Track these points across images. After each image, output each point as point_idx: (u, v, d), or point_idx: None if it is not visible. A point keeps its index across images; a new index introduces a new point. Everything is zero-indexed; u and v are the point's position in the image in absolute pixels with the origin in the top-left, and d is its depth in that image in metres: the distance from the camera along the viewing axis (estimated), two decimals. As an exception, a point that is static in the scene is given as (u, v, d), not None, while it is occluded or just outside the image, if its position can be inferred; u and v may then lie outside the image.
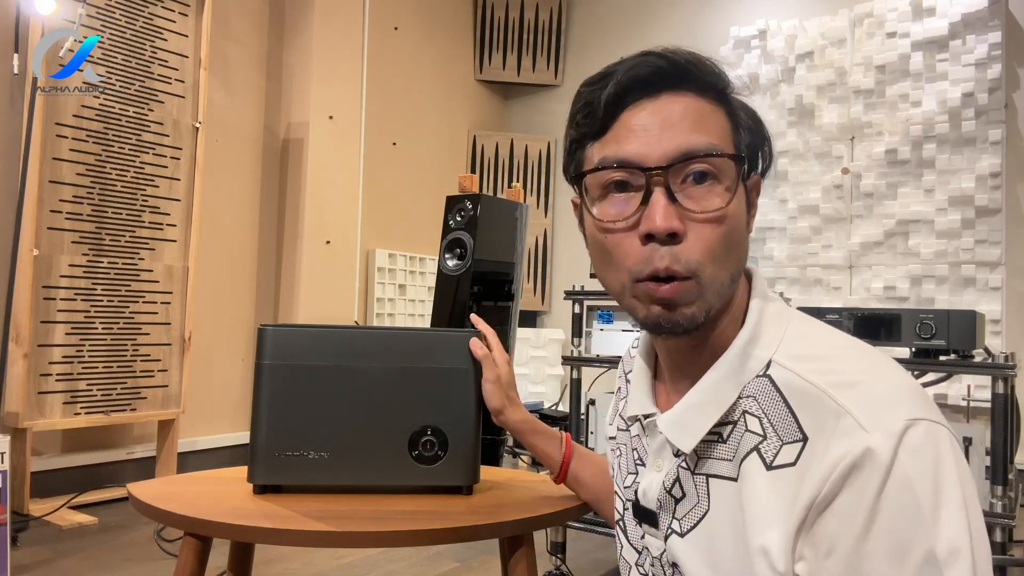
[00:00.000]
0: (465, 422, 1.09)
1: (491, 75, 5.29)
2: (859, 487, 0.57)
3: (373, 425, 1.07)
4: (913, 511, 0.56)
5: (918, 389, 0.62)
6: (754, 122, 0.73)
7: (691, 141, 0.67)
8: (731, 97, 0.72)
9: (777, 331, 0.69)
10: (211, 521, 0.96)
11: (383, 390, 1.07)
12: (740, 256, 0.70)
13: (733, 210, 0.68)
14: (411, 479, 1.08)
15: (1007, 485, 2.29)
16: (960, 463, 0.58)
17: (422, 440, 1.08)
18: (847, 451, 0.58)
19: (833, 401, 0.60)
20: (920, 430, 0.57)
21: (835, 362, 0.64)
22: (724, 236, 0.67)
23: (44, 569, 2.31)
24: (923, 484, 0.56)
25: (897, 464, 0.56)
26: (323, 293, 4.03)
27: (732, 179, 0.68)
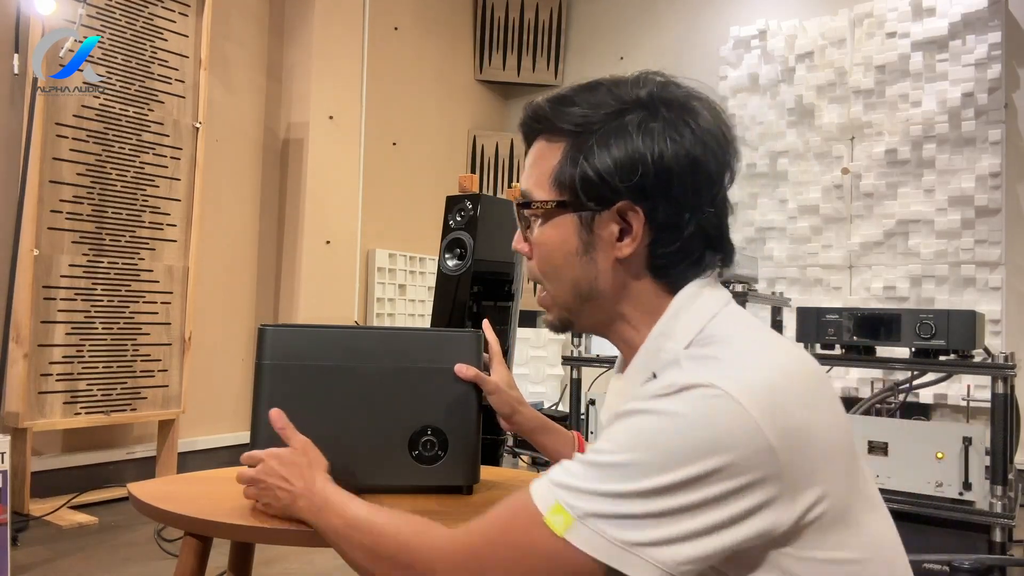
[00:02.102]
0: (465, 422, 1.09)
1: (491, 75, 5.29)
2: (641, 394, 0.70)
3: (373, 425, 1.07)
4: (645, 429, 0.67)
5: (761, 381, 0.67)
6: (616, 156, 0.77)
7: (522, 184, 0.84)
8: (582, 135, 0.79)
9: (693, 327, 0.77)
10: (211, 521, 0.96)
11: (383, 390, 1.07)
12: (575, 278, 0.82)
13: (538, 239, 0.83)
14: (411, 479, 1.08)
15: (1007, 485, 2.29)
16: (706, 435, 0.64)
17: (422, 440, 1.08)
18: (658, 386, 0.69)
19: (680, 363, 0.71)
20: (701, 392, 0.66)
21: (716, 347, 0.73)
22: (541, 259, 0.84)
23: (44, 569, 2.31)
24: (661, 421, 0.66)
25: (665, 399, 0.67)
26: (323, 293, 4.03)
27: (540, 215, 0.82)
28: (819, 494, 0.67)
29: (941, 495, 2.35)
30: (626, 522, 0.65)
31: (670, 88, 0.81)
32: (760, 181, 4.38)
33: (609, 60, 5.03)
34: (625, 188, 0.77)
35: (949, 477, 2.34)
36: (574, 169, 0.79)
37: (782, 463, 0.65)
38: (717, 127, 0.80)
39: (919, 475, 2.39)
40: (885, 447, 2.46)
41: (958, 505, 2.34)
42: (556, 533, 0.66)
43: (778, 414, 0.65)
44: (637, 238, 0.78)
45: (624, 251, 0.79)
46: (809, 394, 0.70)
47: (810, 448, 0.67)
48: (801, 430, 0.67)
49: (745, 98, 4.44)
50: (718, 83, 4.55)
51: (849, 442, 0.73)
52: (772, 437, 0.64)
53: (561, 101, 0.81)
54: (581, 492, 0.66)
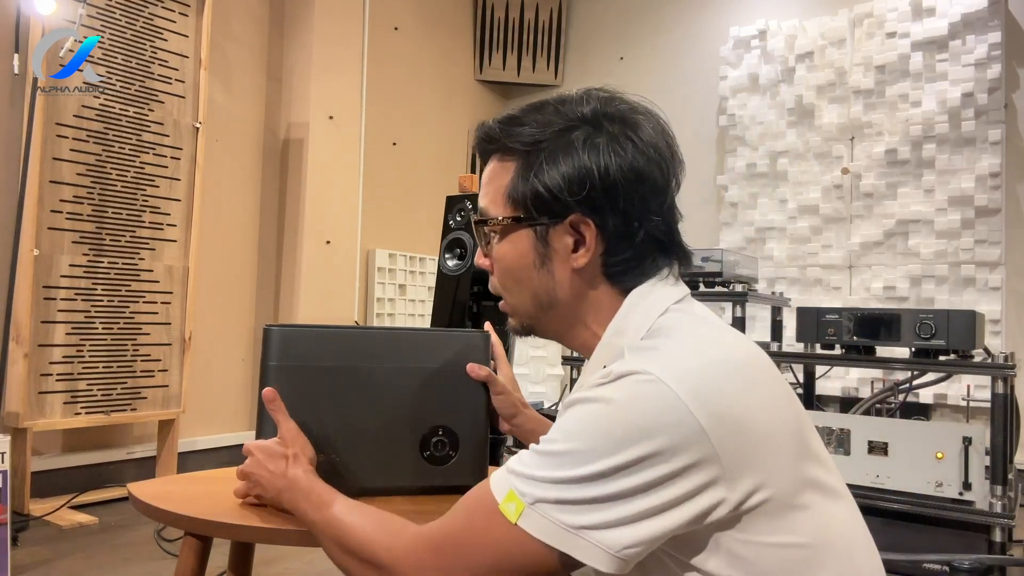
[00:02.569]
0: (475, 421, 1.09)
1: (491, 75, 5.29)
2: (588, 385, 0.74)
3: (384, 426, 1.05)
4: (584, 417, 0.71)
5: (693, 368, 0.71)
6: (565, 170, 0.81)
7: (480, 202, 0.88)
8: (532, 153, 0.83)
9: (643, 323, 0.80)
10: (211, 521, 0.96)
11: (393, 391, 1.06)
12: (535, 290, 0.86)
13: (497, 255, 0.87)
14: (422, 480, 1.08)
15: (1007, 485, 2.29)
16: (638, 420, 0.68)
17: (433, 440, 1.07)
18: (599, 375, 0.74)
19: (624, 355, 0.75)
20: (634, 378, 0.70)
21: (658, 339, 0.77)
22: (501, 273, 0.88)
23: (44, 569, 2.31)
24: (598, 408, 0.70)
25: (603, 387, 0.71)
26: (323, 293, 4.03)
27: (497, 231, 0.86)
28: (760, 481, 0.69)
29: (941, 495, 2.36)
30: (572, 507, 0.68)
31: (614, 103, 0.84)
32: (760, 181, 4.38)
33: (609, 60, 5.03)
34: (575, 202, 0.81)
35: (949, 477, 2.34)
36: (526, 186, 0.83)
37: (716, 446, 0.67)
38: (660, 139, 0.83)
39: (919, 475, 2.39)
40: (885, 447, 2.46)
41: (958, 505, 2.34)
42: (510, 520, 0.70)
43: (710, 399, 0.69)
44: (590, 249, 0.82)
45: (579, 261, 0.82)
46: (748, 384, 0.72)
47: (747, 434, 0.69)
48: (736, 417, 0.69)
49: (745, 98, 4.44)
50: (718, 83, 4.55)
51: (797, 431, 0.74)
52: (703, 420, 0.67)
53: (511, 121, 0.85)
54: (532, 479, 0.70)
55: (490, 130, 0.87)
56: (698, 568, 0.71)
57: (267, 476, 0.95)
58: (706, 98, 4.63)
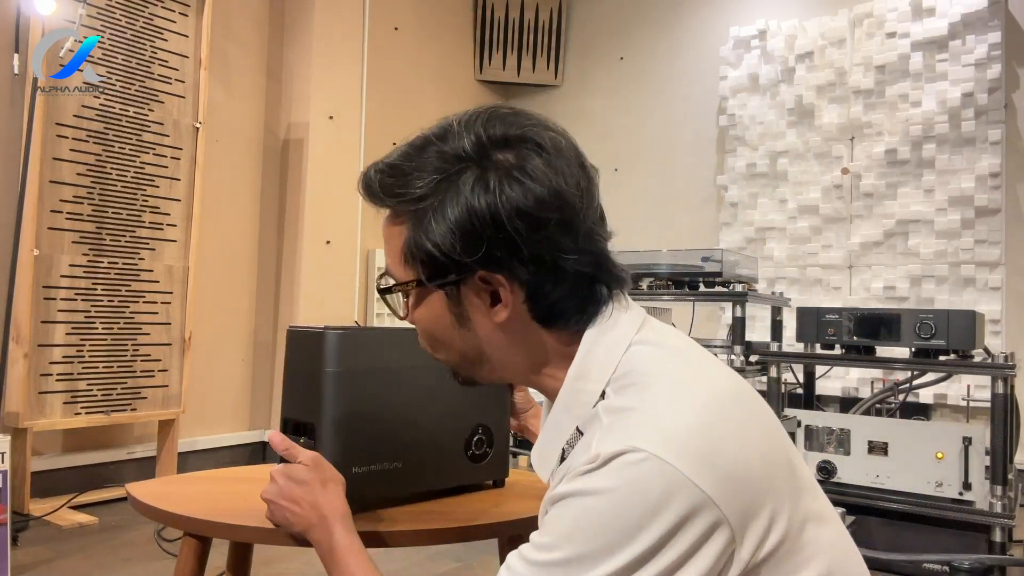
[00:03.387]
0: (502, 417, 1.10)
1: (491, 75, 5.29)
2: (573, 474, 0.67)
3: (437, 427, 1.05)
4: (580, 515, 0.64)
5: (685, 431, 0.65)
6: (459, 225, 0.71)
7: (385, 262, 0.82)
8: (421, 210, 0.74)
9: (607, 363, 0.73)
10: (210, 521, 0.96)
11: (440, 391, 1.04)
12: (461, 348, 0.79)
13: (414, 318, 0.80)
14: (464, 478, 1.08)
15: (1007, 485, 2.29)
16: (642, 506, 0.62)
17: (475, 439, 1.08)
18: (585, 449, 0.69)
19: (601, 419, 0.69)
20: (625, 459, 0.63)
21: (633, 393, 0.70)
22: (423, 335, 0.82)
23: (44, 569, 2.31)
24: (594, 502, 0.64)
25: (593, 475, 0.64)
26: (323, 293, 4.03)
27: (405, 295, 0.80)
28: (765, 529, 0.65)
29: (941, 495, 2.35)
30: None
31: (498, 124, 0.75)
32: (760, 181, 4.38)
33: (609, 60, 5.02)
34: (474, 261, 0.72)
35: (949, 477, 2.34)
36: (419, 248, 0.74)
37: (723, 509, 0.63)
38: (561, 155, 0.74)
39: (919, 475, 2.39)
40: (885, 447, 2.46)
41: (958, 505, 2.34)
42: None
43: (709, 460, 0.64)
44: (508, 304, 0.73)
45: (500, 316, 0.74)
46: (739, 426, 0.68)
47: (750, 486, 0.65)
48: (738, 472, 0.65)
49: (745, 98, 4.44)
50: (718, 83, 4.55)
51: (789, 463, 0.71)
52: (707, 487, 0.62)
53: (391, 172, 0.77)
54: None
55: (371, 185, 0.78)
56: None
57: (292, 508, 0.88)
58: (706, 98, 4.63)
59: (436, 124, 0.79)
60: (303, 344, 0.98)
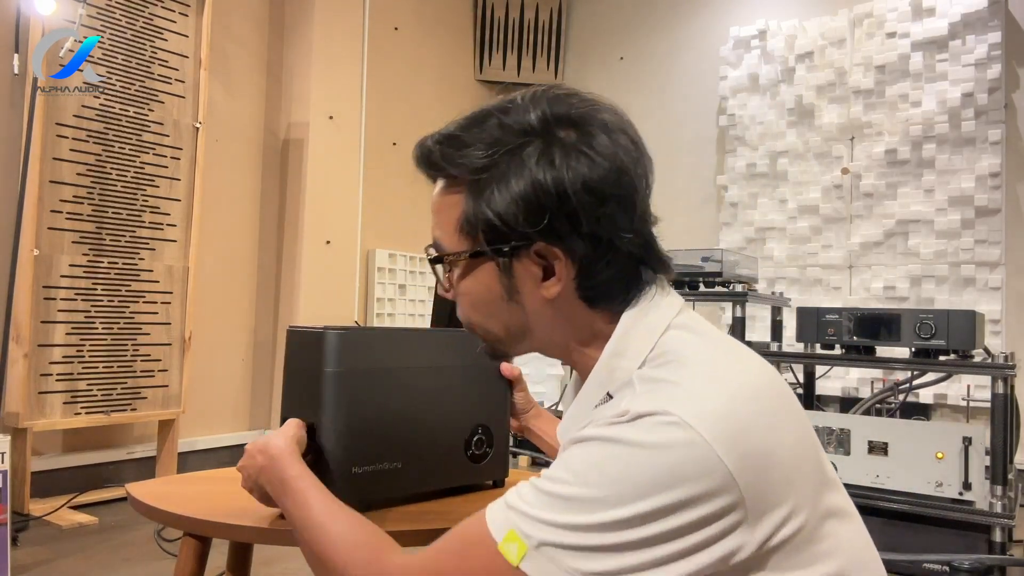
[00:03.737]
0: (502, 418, 1.10)
1: (491, 75, 5.29)
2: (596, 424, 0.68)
3: (437, 427, 1.04)
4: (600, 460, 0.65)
5: (719, 408, 0.65)
6: (523, 195, 0.72)
7: (433, 232, 0.81)
8: (484, 179, 0.74)
9: (645, 343, 0.74)
10: (210, 521, 0.96)
11: (437, 391, 1.04)
12: (507, 321, 0.79)
13: (460, 290, 0.80)
14: (464, 479, 1.08)
15: (1007, 485, 2.29)
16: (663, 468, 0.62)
17: (475, 439, 1.07)
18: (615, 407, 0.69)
19: (634, 386, 0.70)
20: (656, 419, 0.64)
21: (671, 369, 0.70)
22: (468, 308, 0.81)
23: (44, 569, 2.31)
24: (617, 450, 0.64)
25: (621, 426, 0.65)
26: (323, 293, 4.03)
27: (455, 266, 0.79)
28: (784, 517, 0.65)
29: (941, 495, 2.35)
30: (583, 553, 0.63)
31: (564, 104, 0.75)
32: (760, 181, 4.38)
33: (609, 60, 5.02)
34: (535, 231, 0.73)
35: (949, 477, 2.34)
36: (478, 217, 0.75)
37: (743, 490, 0.63)
38: (623, 139, 0.75)
39: (919, 475, 2.39)
40: (885, 447, 2.46)
41: (958, 505, 2.34)
42: (510, 562, 0.65)
43: (738, 440, 0.64)
44: (561, 278, 0.74)
45: (551, 291, 0.75)
46: (771, 414, 0.68)
47: (773, 472, 0.65)
48: (762, 455, 0.65)
49: (745, 98, 4.44)
50: (718, 83, 4.55)
51: (816, 456, 0.71)
52: (732, 465, 0.62)
53: (451, 142, 0.77)
54: (537, 521, 0.65)
55: (429, 153, 0.79)
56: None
57: (248, 463, 0.91)
58: (706, 98, 4.63)
59: (497, 100, 0.79)
60: (303, 344, 0.98)
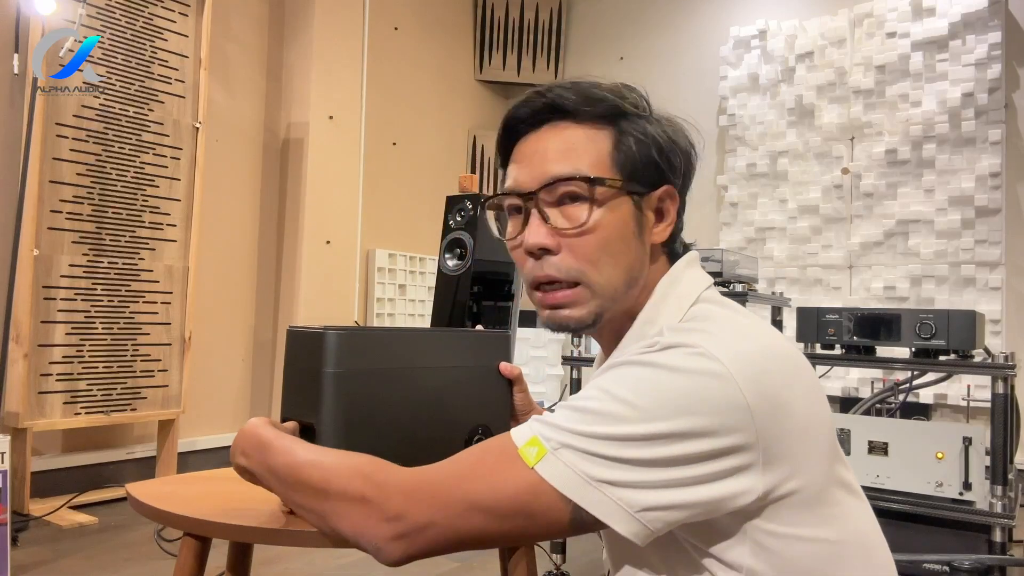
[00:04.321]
0: (504, 420, 1.09)
1: (491, 75, 5.29)
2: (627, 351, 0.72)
3: (436, 429, 1.03)
4: (628, 378, 0.69)
5: (745, 350, 0.68)
6: (648, 143, 0.80)
7: (556, 168, 0.78)
8: (621, 121, 0.80)
9: (675, 313, 0.78)
10: (210, 521, 0.95)
11: (438, 393, 1.03)
12: (629, 262, 0.79)
13: (600, 222, 0.77)
14: None
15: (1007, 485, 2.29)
16: (687, 393, 0.66)
17: (475, 440, 1.06)
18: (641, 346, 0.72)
19: (661, 333, 0.73)
20: (686, 350, 0.67)
21: (698, 323, 0.74)
22: (598, 246, 0.78)
23: (44, 569, 2.31)
24: (644, 371, 0.68)
25: (650, 353, 0.69)
26: (323, 293, 4.03)
27: (593, 198, 0.77)
28: (791, 471, 0.67)
29: (941, 495, 2.35)
30: (598, 460, 0.65)
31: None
32: (760, 181, 4.38)
33: (609, 60, 5.02)
34: (668, 171, 0.81)
35: (949, 477, 2.34)
36: (630, 151, 0.79)
37: (758, 431, 0.65)
38: (679, 120, 0.85)
39: (919, 475, 2.39)
40: (885, 447, 2.46)
41: (958, 505, 2.34)
42: (527, 463, 0.67)
43: (760, 381, 0.66)
44: (671, 222, 0.82)
45: (664, 234, 0.82)
46: (791, 374, 0.71)
47: (787, 423, 0.67)
48: (780, 403, 0.67)
49: (745, 98, 4.44)
50: (718, 83, 4.55)
51: (829, 430, 0.73)
52: (752, 402, 0.65)
53: (585, 89, 0.80)
54: (559, 428, 0.67)
55: (563, 93, 0.80)
56: (720, 557, 0.69)
57: (238, 442, 0.91)
58: (706, 98, 4.63)
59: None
60: (302, 344, 0.97)
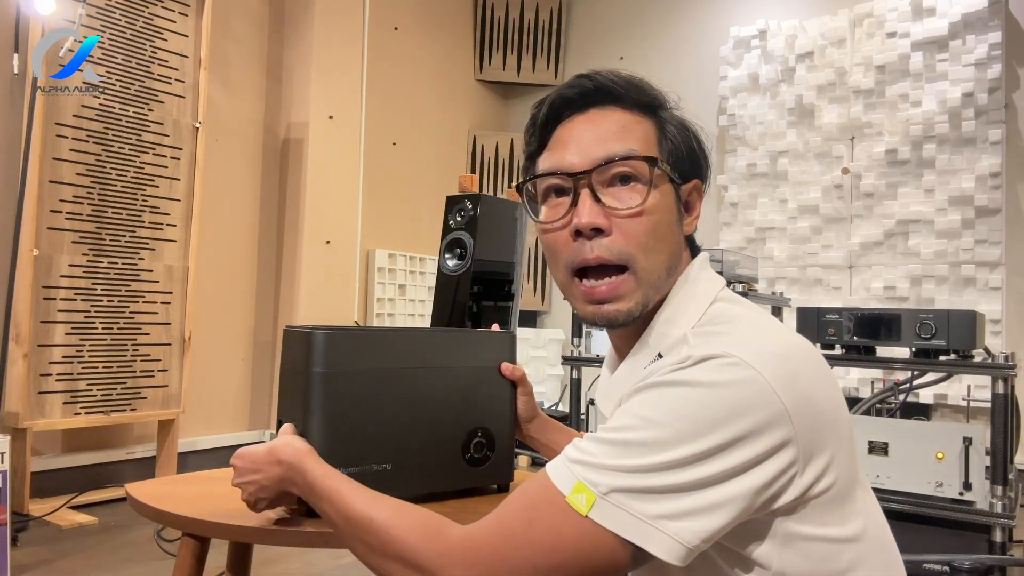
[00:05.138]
0: (505, 421, 1.09)
1: (491, 75, 5.29)
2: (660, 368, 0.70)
3: (430, 430, 1.03)
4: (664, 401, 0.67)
5: (772, 350, 0.68)
6: (685, 136, 0.83)
7: (611, 148, 0.78)
8: (661, 112, 0.82)
9: (694, 312, 0.78)
10: (209, 521, 0.96)
11: (434, 393, 1.03)
12: (672, 250, 0.80)
13: (653, 205, 0.78)
14: (463, 482, 1.07)
15: (1007, 485, 2.29)
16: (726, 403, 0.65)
17: (474, 442, 1.06)
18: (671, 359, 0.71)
19: (688, 340, 0.72)
20: (718, 361, 0.66)
21: (722, 326, 0.74)
22: (649, 229, 0.77)
23: (44, 569, 2.31)
24: (682, 392, 0.66)
25: (684, 370, 0.67)
26: (323, 293, 4.03)
27: (652, 179, 0.78)
28: (826, 463, 0.68)
29: (941, 495, 2.35)
30: (650, 495, 0.64)
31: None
32: (760, 181, 4.38)
33: (609, 60, 5.02)
34: (700, 164, 0.84)
35: (949, 477, 2.34)
36: (674, 142, 0.81)
37: (796, 428, 0.66)
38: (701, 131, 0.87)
39: (919, 475, 2.39)
40: (885, 447, 2.46)
41: (958, 505, 2.34)
42: (580, 512, 0.65)
43: (792, 380, 0.67)
44: (698, 215, 0.85)
45: (693, 225, 0.85)
46: (814, 370, 0.71)
47: (818, 417, 0.68)
48: (811, 400, 0.68)
49: (745, 98, 4.44)
50: (718, 83, 4.55)
51: (848, 425, 0.74)
52: (787, 401, 0.65)
53: (631, 79, 0.83)
54: (603, 468, 0.65)
55: (610, 79, 0.82)
56: (747, 556, 0.69)
57: (254, 477, 0.90)
58: (706, 98, 4.63)
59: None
60: (295, 344, 0.98)
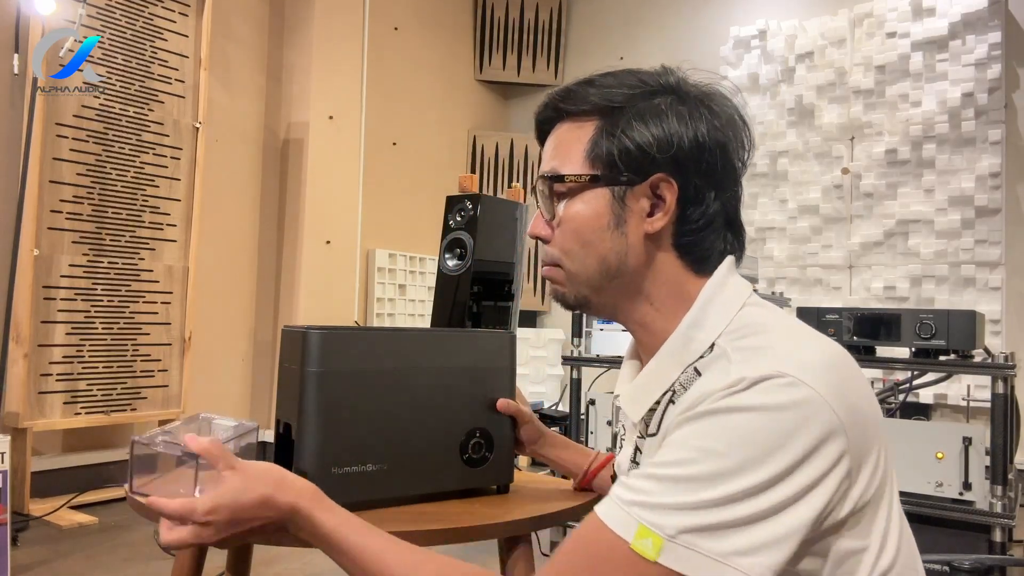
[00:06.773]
0: (504, 422, 1.09)
1: (491, 75, 5.29)
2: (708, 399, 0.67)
3: (428, 430, 1.03)
4: (725, 430, 0.64)
5: (820, 362, 0.67)
6: (652, 129, 0.79)
7: (543, 168, 0.84)
8: (612, 114, 0.80)
9: (723, 316, 0.76)
10: (210, 521, 0.95)
11: (432, 393, 1.03)
12: (603, 253, 0.80)
13: (567, 215, 0.81)
14: (461, 483, 1.06)
15: (1007, 485, 2.29)
16: (787, 425, 0.63)
17: (472, 442, 1.06)
18: (716, 379, 0.68)
19: (728, 356, 0.70)
20: (774, 382, 0.64)
21: (759, 338, 0.72)
22: (571, 236, 0.81)
23: (44, 569, 2.31)
24: (741, 418, 0.64)
25: (739, 395, 0.65)
26: (323, 293, 4.03)
27: (564, 191, 0.81)
28: (873, 467, 0.68)
29: (941, 495, 2.35)
30: (719, 532, 0.61)
31: (693, 80, 0.85)
32: (760, 181, 4.38)
33: (609, 60, 5.02)
34: (662, 160, 0.78)
35: (949, 477, 2.34)
36: (611, 142, 0.79)
37: (849, 439, 0.65)
38: (738, 119, 0.84)
39: (919, 475, 2.39)
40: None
41: (958, 505, 2.34)
42: (648, 559, 0.62)
43: (841, 392, 0.66)
44: (669, 211, 0.78)
45: (656, 225, 0.79)
46: (852, 372, 0.71)
47: (866, 428, 0.68)
48: (858, 410, 0.67)
49: (745, 98, 4.43)
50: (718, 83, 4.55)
51: (879, 414, 0.74)
52: (842, 415, 0.65)
53: (588, 83, 0.83)
54: (666, 508, 0.63)
55: (565, 92, 0.83)
56: (790, 570, 0.66)
57: (251, 522, 0.78)
58: (706, 98, 4.63)
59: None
60: (291, 344, 0.98)
